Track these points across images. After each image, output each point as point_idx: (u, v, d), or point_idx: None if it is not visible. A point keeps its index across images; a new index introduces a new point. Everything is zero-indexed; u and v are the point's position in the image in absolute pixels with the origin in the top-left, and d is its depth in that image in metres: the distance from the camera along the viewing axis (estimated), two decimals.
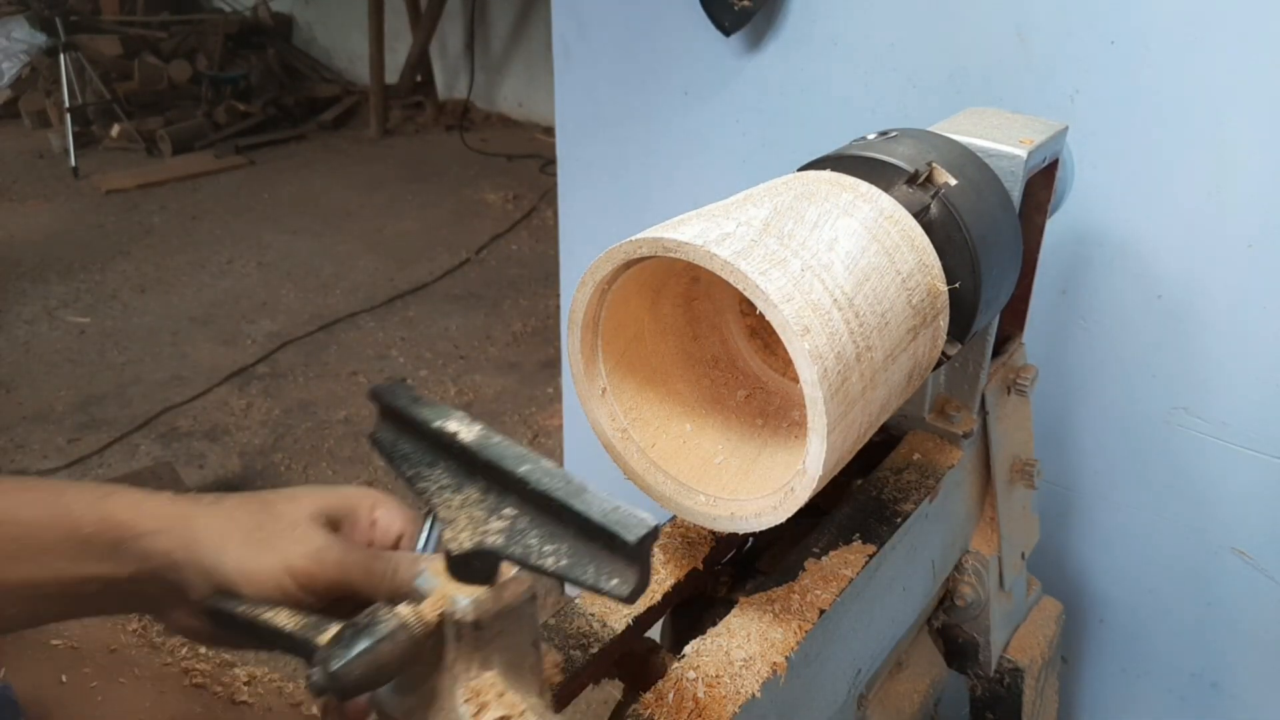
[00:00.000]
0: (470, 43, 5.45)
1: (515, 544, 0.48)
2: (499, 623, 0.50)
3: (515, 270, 3.70)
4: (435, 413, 0.52)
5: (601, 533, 0.46)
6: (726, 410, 0.69)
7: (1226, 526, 1.08)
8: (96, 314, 3.28)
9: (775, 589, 0.67)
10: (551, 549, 0.48)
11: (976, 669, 0.98)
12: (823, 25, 1.18)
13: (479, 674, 0.50)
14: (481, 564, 0.50)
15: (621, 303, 0.61)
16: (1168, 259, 1.01)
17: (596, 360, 0.62)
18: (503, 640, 0.51)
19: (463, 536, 0.49)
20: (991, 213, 0.70)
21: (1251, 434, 1.02)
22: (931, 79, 1.11)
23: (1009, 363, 0.90)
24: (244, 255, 3.75)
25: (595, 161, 1.52)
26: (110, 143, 4.83)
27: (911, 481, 0.79)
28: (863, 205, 0.62)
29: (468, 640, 0.49)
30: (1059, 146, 0.82)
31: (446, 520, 0.50)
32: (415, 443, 0.54)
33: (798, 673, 0.63)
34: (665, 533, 0.74)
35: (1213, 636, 1.15)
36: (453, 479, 0.51)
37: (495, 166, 4.78)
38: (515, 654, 0.52)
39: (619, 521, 0.45)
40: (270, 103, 5.28)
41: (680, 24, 1.30)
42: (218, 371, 2.91)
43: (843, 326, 0.53)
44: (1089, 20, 0.97)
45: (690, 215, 0.58)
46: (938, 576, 0.87)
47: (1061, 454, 1.16)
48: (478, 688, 0.50)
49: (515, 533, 0.49)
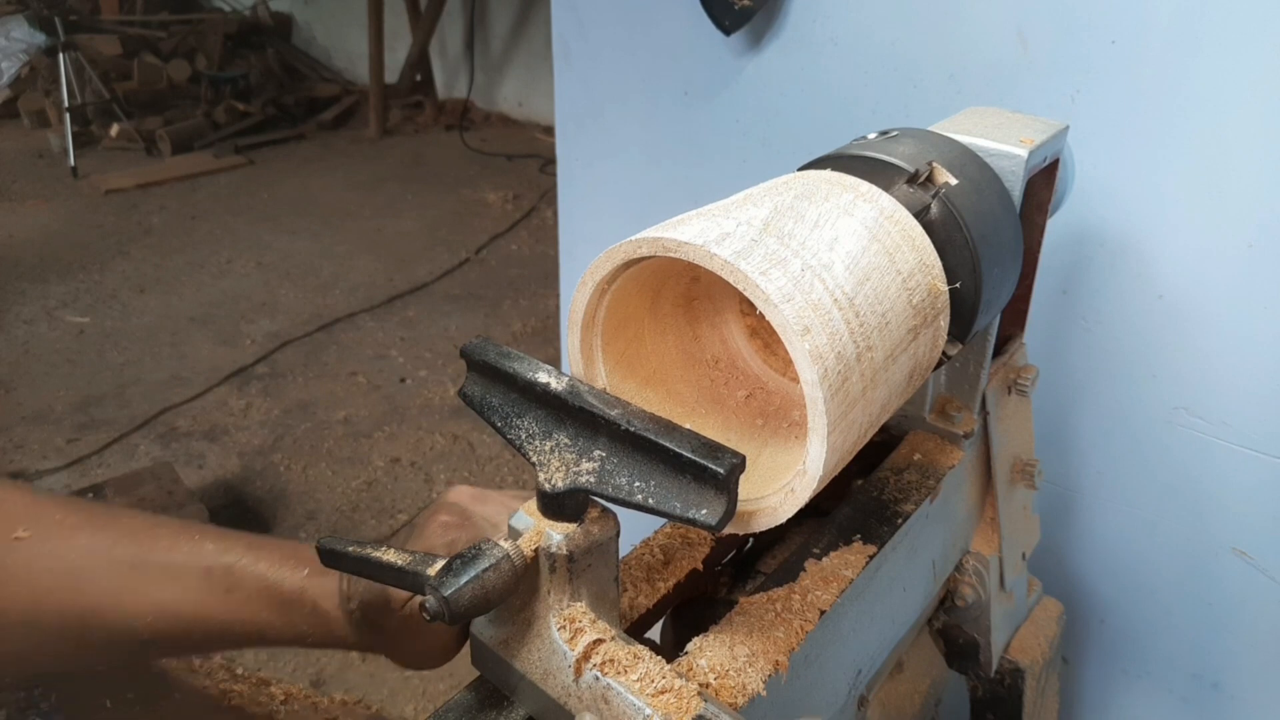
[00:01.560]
0: (470, 42, 5.45)
1: (606, 483, 0.52)
2: (588, 557, 0.55)
3: (515, 270, 3.70)
4: (525, 365, 0.57)
5: (692, 465, 0.50)
6: (727, 410, 0.69)
7: (1227, 526, 1.08)
8: (96, 314, 3.28)
9: (776, 589, 0.67)
10: (641, 485, 0.52)
11: (977, 669, 0.98)
12: (823, 25, 1.17)
13: (570, 605, 0.55)
14: (573, 503, 0.54)
15: (621, 303, 0.61)
16: (1169, 259, 1.01)
17: (596, 360, 0.61)
18: (590, 574, 0.55)
19: (556, 477, 0.53)
20: (992, 212, 0.70)
21: (1252, 434, 1.02)
22: (931, 79, 1.10)
23: (1010, 363, 0.90)
24: (243, 255, 3.75)
25: (595, 161, 1.51)
26: (109, 142, 4.83)
27: (912, 482, 0.79)
28: (863, 205, 0.62)
29: (561, 573, 0.54)
30: (1060, 146, 0.82)
31: (539, 464, 0.54)
32: (504, 395, 0.58)
33: (798, 673, 0.63)
34: (665, 533, 0.73)
35: (1214, 637, 1.14)
36: (541, 427, 0.55)
37: (495, 166, 4.79)
38: (600, 587, 0.57)
39: (708, 454, 0.49)
40: (270, 102, 5.28)
41: (680, 24, 1.30)
42: (217, 372, 2.91)
43: (843, 326, 0.53)
44: (1089, 20, 0.97)
45: (690, 215, 0.58)
46: (938, 577, 0.87)
47: (1062, 454, 1.16)
48: (570, 615, 0.55)
49: (605, 472, 0.53)
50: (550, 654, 0.56)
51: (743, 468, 0.50)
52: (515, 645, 0.58)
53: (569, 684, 0.56)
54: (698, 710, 0.52)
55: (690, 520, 0.51)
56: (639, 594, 0.68)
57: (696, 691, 0.53)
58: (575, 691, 0.55)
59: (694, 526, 0.51)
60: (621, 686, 0.54)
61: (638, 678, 0.54)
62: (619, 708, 0.54)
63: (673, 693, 0.53)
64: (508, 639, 0.58)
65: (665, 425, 0.52)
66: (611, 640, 0.55)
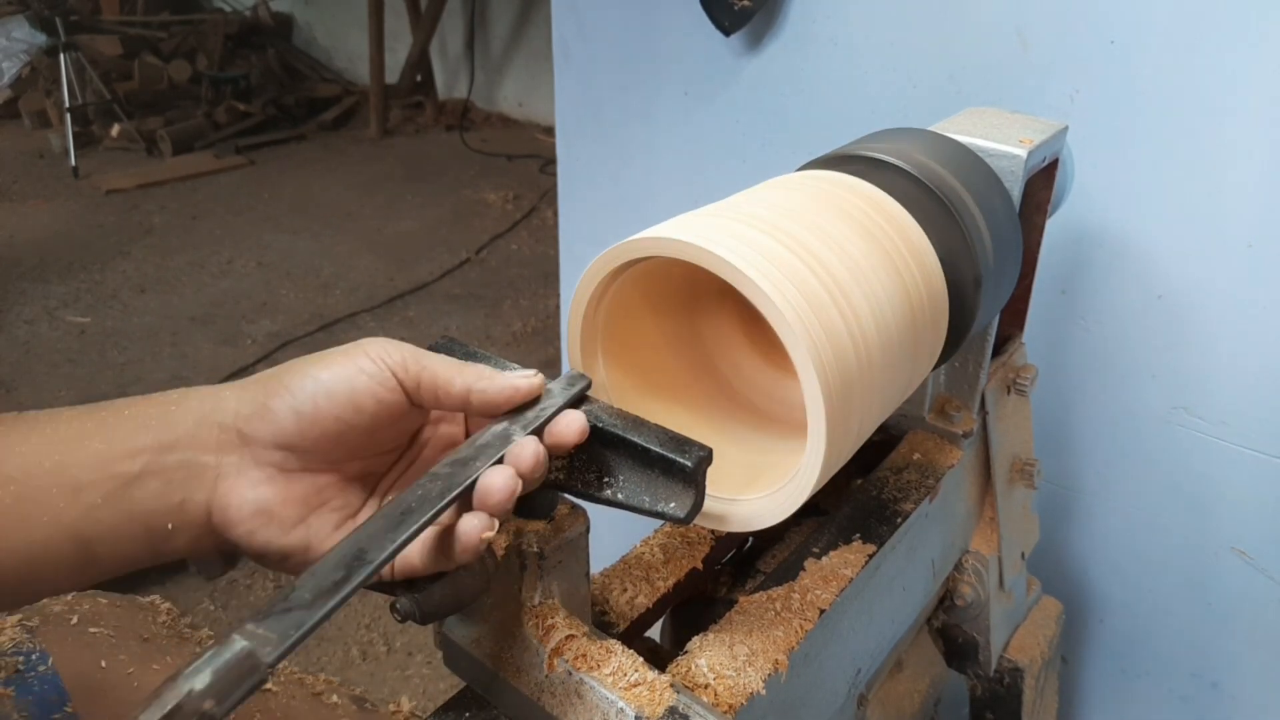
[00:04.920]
0: (470, 43, 5.45)
1: (575, 479, 0.53)
2: (558, 554, 0.55)
3: (515, 270, 3.70)
4: (492, 363, 0.56)
5: (660, 459, 0.50)
6: (726, 410, 0.69)
7: (1226, 526, 1.08)
8: (96, 314, 3.28)
9: (775, 589, 0.67)
10: (610, 480, 0.52)
11: (976, 669, 0.98)
12: (823, 25, 1.18)
13: (542, 601, 0.56)
14: (543, 500, 0.55)
15: (621, 303, 0.61)
16: (1168, 259, 1.01)
17: (596, 360, 0.62)
18: (561, 570, 0.56)
19: None
20: (992, 212, 0.70)
21: (1251, 434, 1.02)
22: (931, 79, 1.11)
23: (1009, 362, 0.90)
24: (244, 255, 3.75)
25: (595, 161, 1.52)
26: (110, 143, 4.83)
27: (911, 481, 0.79)
28: (862, 205, 0.62)
29: (532, 570, 0.55)
30: (1059, 146, 0.82)
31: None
32: None
33: (798, 672, 0.63)
34: (665, 533, 0.74)
35: (1213, 636, 1.15)
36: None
37: (495, 166, 4.78)
38: (572, 583, 0.57)
39: (676, 448, 0.50)
40: (270, 103, 5.28)
41: (680, 24, 1.30)
42: (218, 371, 2.92)
43: (842, 326, 0.53)
44: (1089, 20, 0.97)
45: (690, 215, 0.58)
46: (938, 576, 0.88)
47: (1061, 454, 1.16)
48: (542, 612, 0.56)
49: (574, 469, 0.53)
50: (523, 651, 0.56)
51: (710, 460, 0.50)
52: (488, 643, 0.58)
53: (542, 680, 0.56)
54: (670, 703, 0.53)
55: (660, 514, 0.51)
56: (639, 594, 0.68)
57: (669, 684, 0.54)
58: (549, 687, 0.56)
59: (664, 520, 0.51)
60: (594, 681, 0.54)
61: (610, 671, 0.54)
62: (592, 702, 0.54)
63: (645, 685, 0.54)
64: (480, 637, 0.58)
65: (632, 420, 0.52)
66: (584, 636, 0.56)
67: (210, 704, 0.37)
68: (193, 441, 0.49)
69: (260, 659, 0.39)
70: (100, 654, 0.73)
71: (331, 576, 0.42)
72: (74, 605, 0.77)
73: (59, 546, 0.46)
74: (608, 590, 0.68)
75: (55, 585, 0.48)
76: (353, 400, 0.50)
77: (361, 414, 0.50)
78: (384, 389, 0.50)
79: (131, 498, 0.47)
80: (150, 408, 0.50)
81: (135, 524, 0.47)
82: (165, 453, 0.48)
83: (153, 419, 0.49)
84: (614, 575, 0.69)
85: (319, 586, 0.42)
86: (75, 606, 0.77)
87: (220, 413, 0.50)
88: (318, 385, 0.50)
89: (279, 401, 0.49)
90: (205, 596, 2.06)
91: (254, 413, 0.50)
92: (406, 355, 0.52)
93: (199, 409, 0.50)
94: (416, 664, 1.93)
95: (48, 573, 0.46)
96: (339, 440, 0.51)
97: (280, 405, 0.49)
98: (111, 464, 0.47)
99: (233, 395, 0.50)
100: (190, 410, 0.50)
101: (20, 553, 0.45)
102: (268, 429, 0.49)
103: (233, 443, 0.50)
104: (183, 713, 0.36)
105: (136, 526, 0.47)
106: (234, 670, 0.38)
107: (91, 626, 0.75)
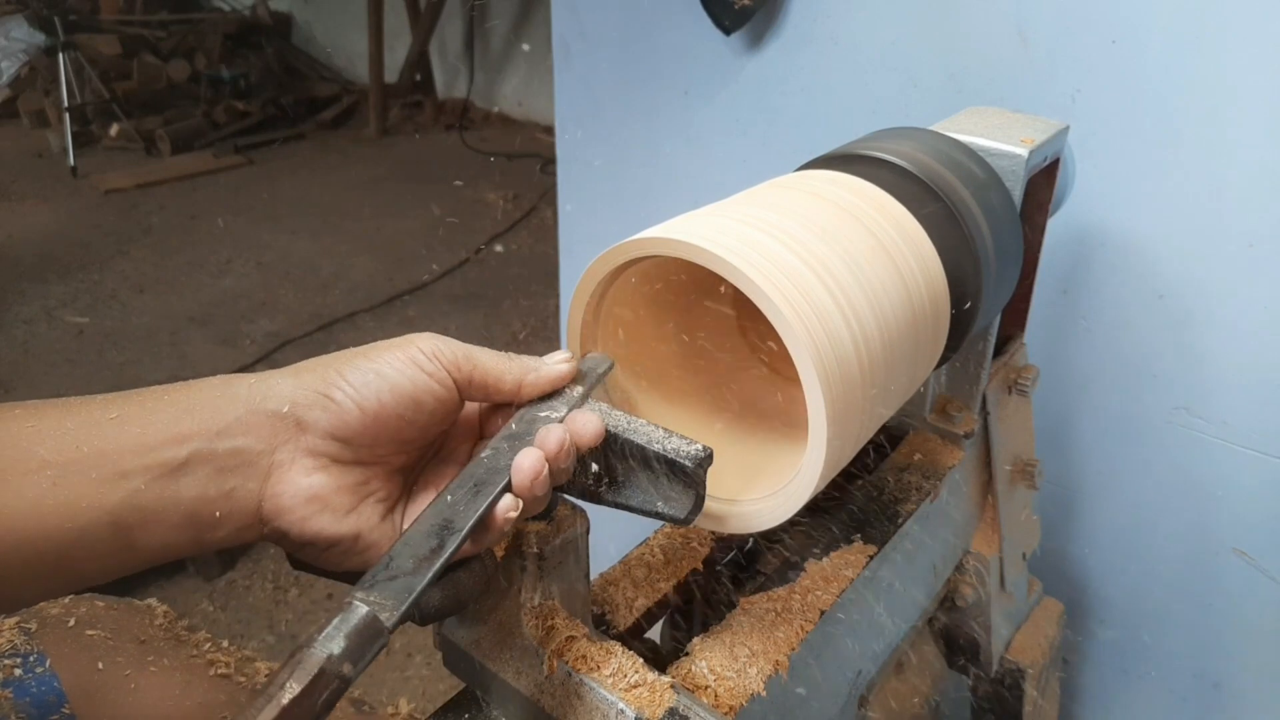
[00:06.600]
0: (470, 42, 5.44)
1: (576, 479, 0.53)
2: (558, 555, 0.55)
3: (515, 270, 3.70)
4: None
5: (661, 460, 0.50)
6: (727, 410, 0.69)
7: (1227, 526, 1.08)
8: (95, 314, 3.28)
9: (776, 589, 0.67)
10: (609, 481, 0.53)
11: (978, 669, 0.97)
12: (823, 24, 1.17)
13: (541, 602, 0.56)
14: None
15: (621, 303, 0.61)
16: (1169, 259, 1.01)
17: None
18: (561, 571, 0.56)
19: None
20: (993, 212, 0.70)
21: (1252, 434, 1.02)
22: (932, 78, 1.10)
23: (1010, 363, 0.90)
24: (243, 255, 3.75)
25: (595, 161, 1.51)
26: (109, 142, 4.82)
27: (912, 482, 0.79)
28: (863, 205, 0.62)
29: (532, 571, 0.55)
30: (1060, 146, 0.81)
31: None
32: None
33: (799, 673, 0.63)
34: (665, 533, 0.73)
35: (1214, 637, 1.14)
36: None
37: (495, 166, 4.78)
38: (571, 584, 0.57)
39: (676, 449, 0.50)
40: (269, 102, 5.27)
41: (680, 23, 1.30)
42: (217, 372, 2.91)
43: (843, 326, 0.53)
44: (1090, 20, 0.97)
45: (689, 215, 0.58)
46: (939, 577, 0.87)
47: (1062, 454, 1.16)
48: (542, 613, 0.56)
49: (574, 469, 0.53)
50: (522, 652, 0.56)
51: (710, 460, 0.50)
52: (487, 645, 0.58)
53: (542, 681, 0.56)
54: (670, 704, 0.53)
55: (660, 514, 0.51)
56: (639, 594, 0.68)
57: (669, 685, 0.53)
58: (548, 688, 0.55)
59: (664, 521, 0.51)
60: (594, 682, 0.54)
61: (610, 673, 0.54)
62: (592, 703, 0.54)
63: (645, 687, 0.53)
64: (479, 639, 0.58)
65: (633, 420, 0.52)
66: (584, 637, 0.56)
67: (348, 667, 0.39)
68: (244, 428, 0.48)
69: (383, 622, 0.41)
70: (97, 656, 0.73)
71: (427, 545, 0.45)
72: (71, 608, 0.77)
73: (97, 533, 0.44)
74: (608, 591, 0.68)
75: (91, 573, 0.46)
76: (414, 397, 0.50)
77: (421, 411, 0.51)
78: (442, 387, 0.51)
79: (178, 484, 0.46)
80: (192, 393, 0.49)
81: (179, 511, 0.46)
82: (215, 440, 0.47)
83: (197, 405, 0.48)
84: (614, 576, 0.69)
85: (417, 555, 0.44)
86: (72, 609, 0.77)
87: (272, 400, 0.49)
88: (382, 381, 0.50)
89: (340, 394, 0.49)
90: (204, 598, 2.06)
91: (314, 402, 0.49)
92: (458, 352, 0.52)
93: (248, 396, 0.49)
94: (416, 665, 1.93)
95: (84, 559, 0.45)
96: (396, 435, 0.51)
97: (343, 398, 0.49)
98: (155, 450, 0.46)
99: (286, 383, 0.50)
100: (238, 397, 0.49)
101: (57, 538, 0.44)
102: (328, 420, 0.49)
103: (288, 430, 0.49)
104: (326, 676, 0.38)
105: (180, 514, 0.46)
106: (363, 634, 0.40)
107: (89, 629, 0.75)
